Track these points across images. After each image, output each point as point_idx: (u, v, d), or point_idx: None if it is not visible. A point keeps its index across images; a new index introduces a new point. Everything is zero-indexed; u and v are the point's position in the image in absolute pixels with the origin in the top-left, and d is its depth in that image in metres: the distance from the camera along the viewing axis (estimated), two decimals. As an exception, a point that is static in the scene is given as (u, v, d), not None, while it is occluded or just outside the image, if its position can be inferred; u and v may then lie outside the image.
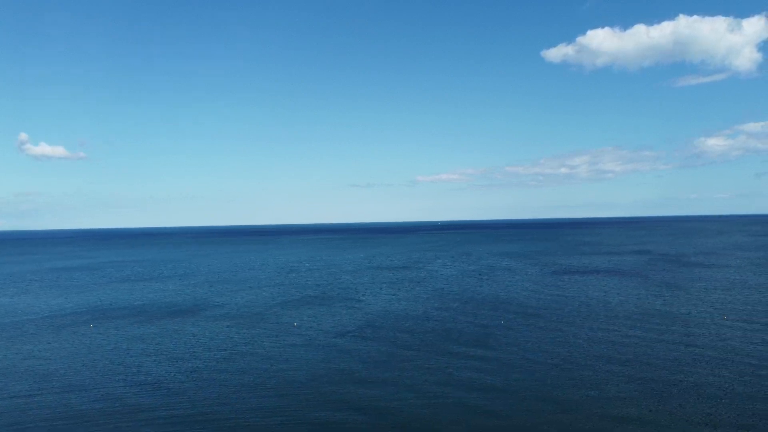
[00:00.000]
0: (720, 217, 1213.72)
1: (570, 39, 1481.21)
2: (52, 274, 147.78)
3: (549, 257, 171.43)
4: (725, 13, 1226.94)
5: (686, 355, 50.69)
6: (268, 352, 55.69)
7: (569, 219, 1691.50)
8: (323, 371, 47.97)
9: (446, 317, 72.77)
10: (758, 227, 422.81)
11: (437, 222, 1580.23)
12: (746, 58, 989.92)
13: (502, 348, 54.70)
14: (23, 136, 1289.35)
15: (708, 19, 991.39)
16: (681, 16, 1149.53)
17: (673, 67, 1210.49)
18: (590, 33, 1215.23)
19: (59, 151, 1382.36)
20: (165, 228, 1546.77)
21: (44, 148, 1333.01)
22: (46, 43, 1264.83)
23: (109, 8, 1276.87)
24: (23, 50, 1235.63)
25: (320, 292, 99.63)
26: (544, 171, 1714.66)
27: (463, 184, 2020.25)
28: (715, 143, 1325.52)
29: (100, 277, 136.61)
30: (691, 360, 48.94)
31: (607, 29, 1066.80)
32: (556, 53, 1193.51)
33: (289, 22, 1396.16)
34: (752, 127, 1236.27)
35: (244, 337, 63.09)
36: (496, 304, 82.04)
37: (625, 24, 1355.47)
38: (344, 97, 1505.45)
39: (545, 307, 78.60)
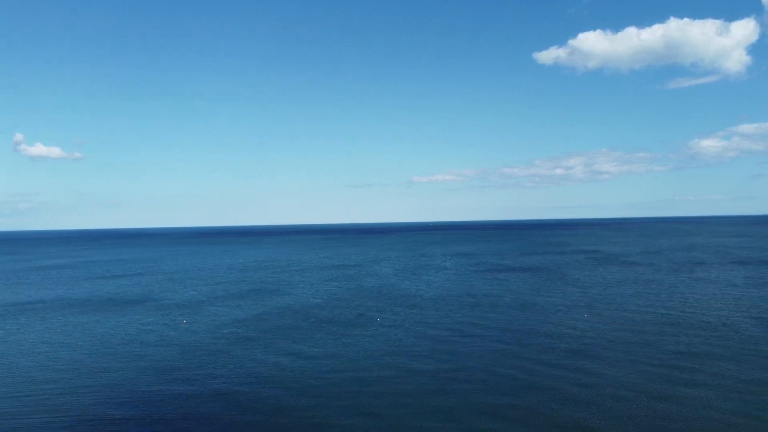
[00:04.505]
0: (712, 218, 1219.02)
1: (561, 41, 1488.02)
2: (21, 273, 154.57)
3: (496, 257, 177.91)
4: (716, 16, 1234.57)
5: (503, 351, 56.96)
6: (117, 349, 59.05)
7: (564, 220, 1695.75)
8: (151, 368, 50.31)
9: (336, 312, 78.88)
10: (736, 228, 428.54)
11: (429, 222, 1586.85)
12: (736, 61, 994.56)
13: (346, 342, 60.41)
14: (19, 136, 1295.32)
15: (698, 22, 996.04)
16: (671, 18, 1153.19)
17: (664, 70, 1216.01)
18: (581, 36, 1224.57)
19: (55, 151, 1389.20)
20: (160, 228, 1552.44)
21: (40, 149, 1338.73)
22: (41, 43, 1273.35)
23: (105, 8, 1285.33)
24: (18, 50, 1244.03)
25: (247, 289, 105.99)
26: (540, 172, 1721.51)
27: (459, 185, 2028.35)
28: (709, 145, 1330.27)
29: (62, 275, 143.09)
30: (503, 357, 55.32)
31: (598, 32, 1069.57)
32: (547, 56, 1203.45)
33: (284, 22, 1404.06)
34: (746, 128, 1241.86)
35: (120, 334, 67.45)
36: (396, 300, 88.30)
37: (616, 26, 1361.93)
38: (340, 97, 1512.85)
39: (436, 303, 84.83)
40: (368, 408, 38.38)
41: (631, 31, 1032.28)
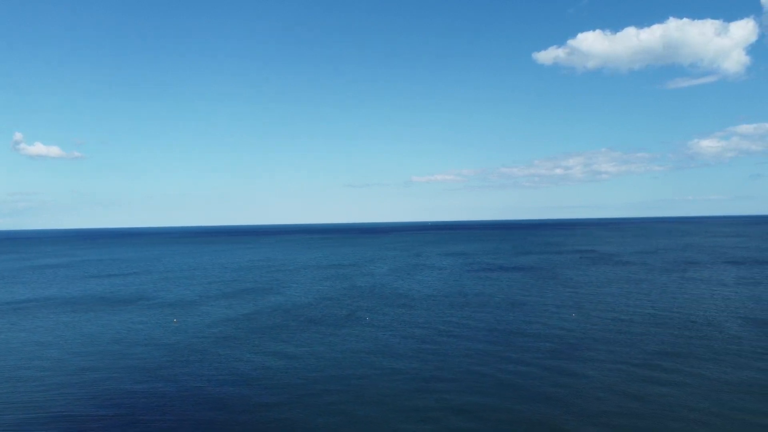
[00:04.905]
0: (711, 218, 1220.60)
1: (560, 41, 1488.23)
2: (17, 272, 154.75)
3: (491, 257, 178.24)
4: (714, 16, 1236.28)
5: (487, 352, 57.26)
6: (105, 348, 59.30)
7: (563, 220, 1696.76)
8: (136, 367, 50.63)
9: (327, 311, 79.03)
10: (734, 228, 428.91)
11: (427, 222, 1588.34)
12: (735, 61, 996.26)
13: (332, 342, 60.82)
14: (18, 135, 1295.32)
15: (697, 22, 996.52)
16: (670, 18, 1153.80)
17: (663, 70, 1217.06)
18: (580, 36, 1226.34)
19: (54, 150, 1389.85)
20: (159, 228, 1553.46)
21: (39, 148, 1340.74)
22: (41, 43, 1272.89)
23: (105, 8, 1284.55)
24: (18, 50, 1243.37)
25: (239, 288, 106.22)
26: (539, 172, 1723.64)
27: (458, 185, 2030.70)
28: (708, 145, 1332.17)
29: (56, 274, 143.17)
30: (479, 358, 55.60)
31: (597, 32, 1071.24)
32: (546, 56, 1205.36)
33: (284, 22, 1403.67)
34: (745, 128, 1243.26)
35: (109, 332, 67.83)
36: (387, 299, 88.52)
37: (615, 27, 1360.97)
38: (340, 97, 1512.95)
39: (427, 302, 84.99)
40: (345, 407, 38.66)
41: (631, 31, 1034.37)
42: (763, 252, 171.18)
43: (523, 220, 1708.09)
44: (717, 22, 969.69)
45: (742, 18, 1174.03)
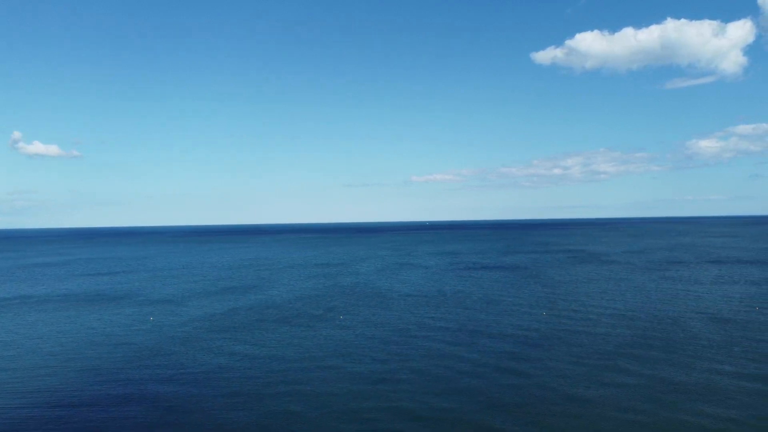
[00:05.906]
0: (710, 218, 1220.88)
1: (558, 42, 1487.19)
2: (6, 271, 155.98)
3: (480, 256, 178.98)
4: (712, 17, 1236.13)
5: (447, 353, 57.69)
6: (73, 347, 61.11)
7: (562, 220, 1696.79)
8: (96, 367, 52.54)
9: (303, 310, 79.48)
10: (730, 228, 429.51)
11: (425, 222, 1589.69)
12: (732, 62, 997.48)
13: (297, 342, 61.39)
14: (16, 134, 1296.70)
15: (695, 23, 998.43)
16: (668, 19, 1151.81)
17: (661, 70, 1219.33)
18: (578, 36, 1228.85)
19: (53, 149, 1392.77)
20: (158, 227, 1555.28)
21: (38, 147, 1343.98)
22: (41, 43, 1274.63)
23: (105, 8, 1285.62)
24: (18, 49, 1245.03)
25: (224, 287, 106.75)
26: (538, 172, 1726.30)
27: (457, 185, 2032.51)
28: (707, 145, 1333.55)
29: (45, 273, 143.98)
30: (434, 356, 56.37)
31: (595, 32, 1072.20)
32: (545, 56, 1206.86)
33: (284, 22, 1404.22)
34: (744, 129, 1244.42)
35: (83, 331, 68.84)
36: (367, 298, 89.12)
37: (614, 27, 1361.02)
38: (339, 97, 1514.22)
39: (404, 301, 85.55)
40: (291, 408, 39.20)
41: (629, 31, 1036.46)
42: (750, 252, 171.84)
43: (521, 220, 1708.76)
44: (714, 23, 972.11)
45: (739, 19, 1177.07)
